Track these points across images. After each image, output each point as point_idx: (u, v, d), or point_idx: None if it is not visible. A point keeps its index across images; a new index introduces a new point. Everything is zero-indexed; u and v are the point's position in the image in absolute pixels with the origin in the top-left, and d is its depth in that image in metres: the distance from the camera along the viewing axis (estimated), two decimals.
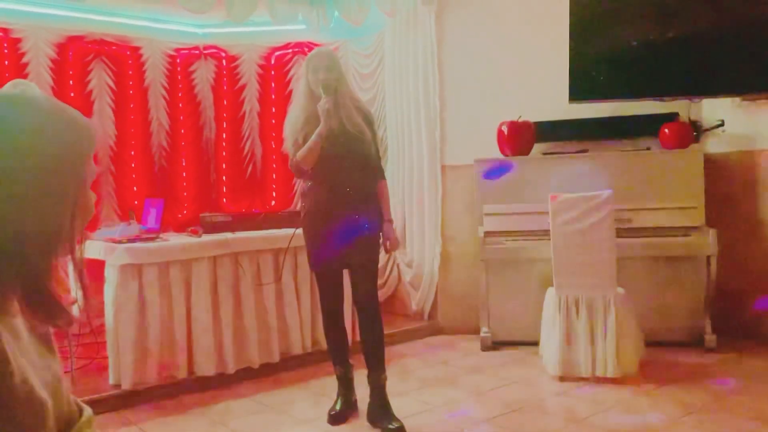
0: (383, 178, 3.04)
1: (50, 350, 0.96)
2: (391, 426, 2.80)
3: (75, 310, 0.93)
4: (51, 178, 0.85)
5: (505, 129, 4.20)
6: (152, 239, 3.52)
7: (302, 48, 5.19)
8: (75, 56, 4.59)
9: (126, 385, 3.28)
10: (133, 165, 4.87)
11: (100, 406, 3.05)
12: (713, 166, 4.08)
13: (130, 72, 4.83)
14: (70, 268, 0.92)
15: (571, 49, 4.03)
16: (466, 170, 4.44)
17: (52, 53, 4.48)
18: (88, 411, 1.04)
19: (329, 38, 5.02)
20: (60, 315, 0.87)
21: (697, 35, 3.94)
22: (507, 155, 4.23)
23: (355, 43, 5.24)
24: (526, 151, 4.23)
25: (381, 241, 3.01)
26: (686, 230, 3.85)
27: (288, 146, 2.92)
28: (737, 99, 4.05)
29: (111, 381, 3.34)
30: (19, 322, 0.89)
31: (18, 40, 4.35)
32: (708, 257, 3.81)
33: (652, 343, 3.68)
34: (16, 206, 0.81)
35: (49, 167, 0.85)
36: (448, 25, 4.60)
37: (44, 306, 0.86)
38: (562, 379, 3.43)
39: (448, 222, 4.66)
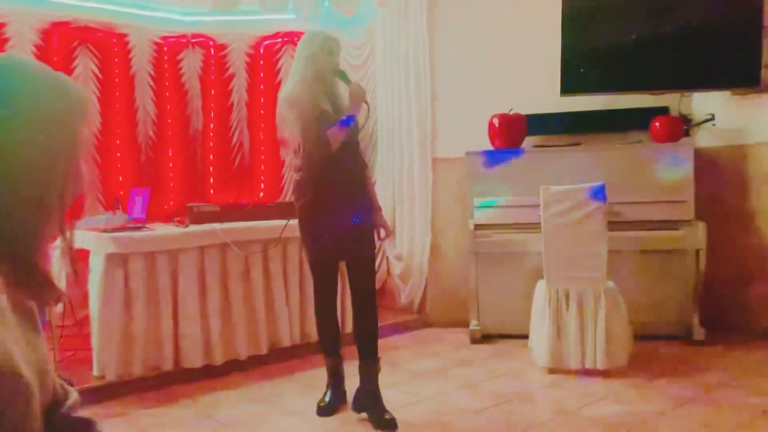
0: (367, 166, 3.08)
1: (35, 330, 0.92)
2: (384, 417, 2.78)
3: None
4: (42, 143, 0.80)
5: (496, 122, 4.18)
6: (138, 229, 3.46)
7: (291, 38, 5.11)
8: (60, 43, 4.49)
9: (111, 377, 3.23)
10: (118, 154, 4.78)
11: (84, 397, 2.98)
12: (703, 159, 4.09)
13: (116, 60, 4.73)
14: (55, 256, 0.87)
15: (563, 42, 4.03)
16: (457, 163, 4.42)
17: (36, 39, 4.38)
18: (74, 394, 1.00)
19: (319, 28, 4.96)
20: (49, 291, 0.83)
21: (688, 29, 3.95)
22: (498, 148, 4.21)
23: (346, 33, 5.16)
24: (517, 144, 4.21)
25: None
26: (676, 224, 3.86)
27: (293, 129, 2.77)
28: (728, 93, 4.06)
29: (95, 372, 3.28)
30: (3, 300, 0.85)
31: (1, 25, 4.25)
32: (697, 251, 3.83)
33: (642, 336, 3.68)
34: (3, 174, 0.77)
35: (41, 132, 0.80)
36: (440, 15, 4.57)
37: (33, 281, 0.82)
38: (551, 371, 3.42)
39: (439, 215, 4.63)
